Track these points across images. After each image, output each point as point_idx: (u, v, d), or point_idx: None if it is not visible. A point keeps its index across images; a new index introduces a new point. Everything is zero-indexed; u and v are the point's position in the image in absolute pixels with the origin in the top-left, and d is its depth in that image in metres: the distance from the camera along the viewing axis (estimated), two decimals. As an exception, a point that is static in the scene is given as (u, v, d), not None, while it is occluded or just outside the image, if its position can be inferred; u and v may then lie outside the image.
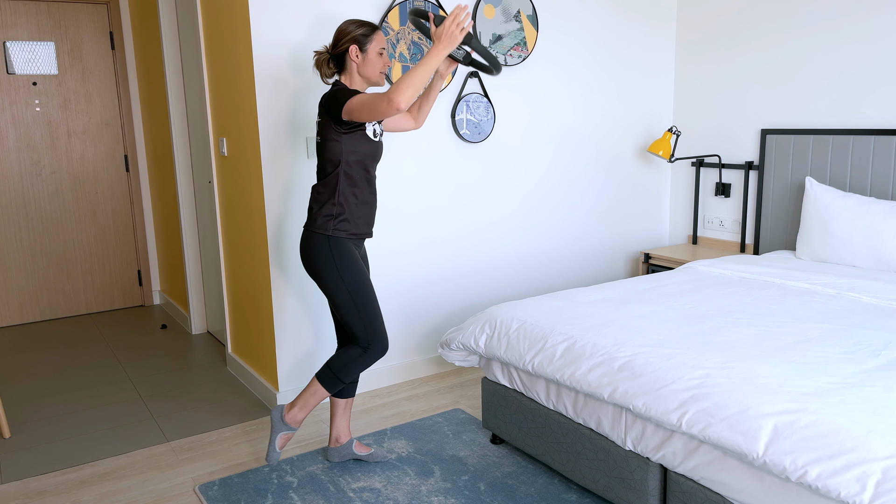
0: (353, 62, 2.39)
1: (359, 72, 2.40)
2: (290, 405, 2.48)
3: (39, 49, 4.48)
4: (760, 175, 3.75)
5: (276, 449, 2.47)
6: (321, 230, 2.37)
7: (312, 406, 2.46)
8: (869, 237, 3.05)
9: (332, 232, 2.37)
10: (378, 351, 2.42)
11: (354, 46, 2.37)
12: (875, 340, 2.14)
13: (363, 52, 2.37)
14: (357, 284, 2.38)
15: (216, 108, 3.36)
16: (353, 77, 2.42)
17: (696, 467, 1.91)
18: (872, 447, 1.53)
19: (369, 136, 2.37)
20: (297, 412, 2.46)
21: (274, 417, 2.49)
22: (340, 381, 2.43)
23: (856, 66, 3.36)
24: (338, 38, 2.38)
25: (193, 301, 4.29)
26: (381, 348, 2.42)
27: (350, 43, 2.36)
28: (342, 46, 2.37)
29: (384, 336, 2.43)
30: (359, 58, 2.38)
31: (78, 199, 4.72)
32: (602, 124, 3.97)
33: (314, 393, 2.45)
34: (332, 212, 2.38)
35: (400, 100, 2.13)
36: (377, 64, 2.40)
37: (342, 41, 2.37)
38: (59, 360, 3.90)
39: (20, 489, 2.52)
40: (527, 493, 2.39)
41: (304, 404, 2.46)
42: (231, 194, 3.33)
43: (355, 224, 2.41)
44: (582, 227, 4.00)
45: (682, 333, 2.25)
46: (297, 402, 2.47)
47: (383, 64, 2.41)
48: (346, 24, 2.38)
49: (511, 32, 3.48)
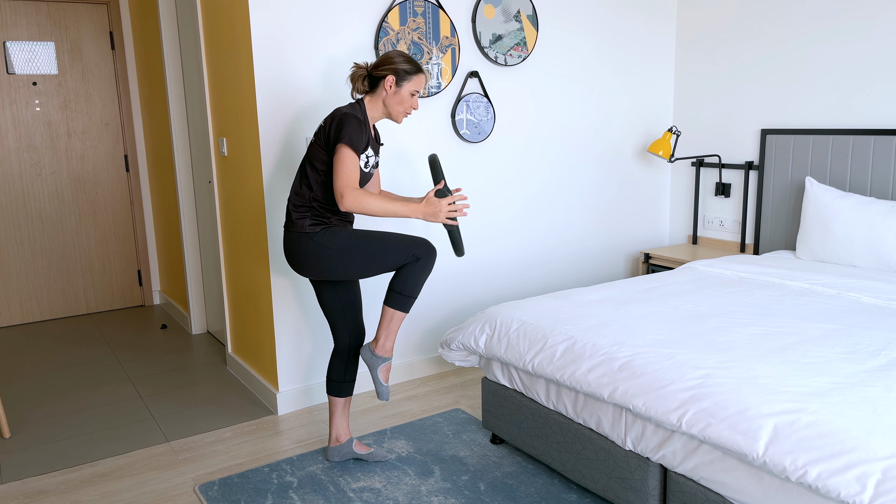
0: (385, 91, 2.39)
1: (385, 101, 2.41)
2: (374, 341, 2.46)
3: (39, 49, 4.48)
4: (760, 175, 3.75)
5: (383, 383, 2.45)
6: (299, 230, 2.39)
7: (396, 331, 2.45)
8: (869, 237, 3.05)
9: (308, 230, 2.38)
10: (428, 254, 2.37)
11: (393, 77, 2.37)
12: (875, 340, 2.14)
13: (398, 87, 2.38)
14: (354, 240, 2.36)
15: (216, 108, 3.36)
16: (377, 103, 2.42)
17: (696, 467, 1.91)
18: (872, 447, 1.53)
19: (360, 166, 2.38)
20: (384, 342, 2.44)
21: (366, 357, 2.47)
22: (410, 297, 2.39)
23: (856, 66, 3.36)
24: (381, 62, 2.39)
25: (193, 301, 4.29)
26: (429, 251, 2.37)
27: (390, 73, 2.37)
28: (381, 72, 2.38)
29: (421, 240, 2.37)
30: (391, 89, 2.38)
31: (78, 199, 4.72)
32: (602, 124, 3.97)
33: (392, 319, 2.42)
34: (308, 214, 2.40)
35: (347, 206, 2.25)
36: (405, 103, 2.41)
37: (383, 67, 2.38)
38: (59, 360, 3.90)
39: (20, 489, 2.52)
40: (527, 493, 2.39)
41: (387, 333, 2.43)
42: (231, 194, 3.33)
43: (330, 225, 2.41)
44: (582, 227, 4.00)
45: (683, 333, 2.25)
46: (380, 335, 2.44)
47: (410, 105, 2.42)
48: (395, 53, 2.39)
49: (511, 32, 3.48)
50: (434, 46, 3.25)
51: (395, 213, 2.29)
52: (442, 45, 3.28)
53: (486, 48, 3.42)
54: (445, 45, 3.29)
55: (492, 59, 3.45)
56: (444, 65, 3.29)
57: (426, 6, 3.21)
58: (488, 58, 3.44)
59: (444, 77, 3.30)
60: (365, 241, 2.36)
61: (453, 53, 3.32)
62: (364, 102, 2.42)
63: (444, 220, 2.32)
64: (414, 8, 3.17)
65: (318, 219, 2.40)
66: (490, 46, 3.43)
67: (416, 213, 2.32)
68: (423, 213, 2.32)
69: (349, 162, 2.28)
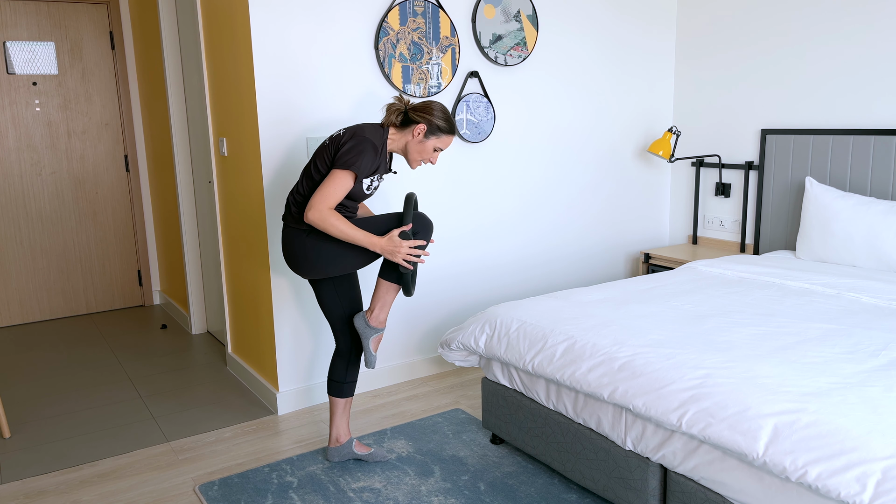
0: (412, 135, 2.42)
1: (408, 144, 2.44)
2: (368, 311, 2.49)
3: (39, 49, 4.48)
4: (760, 175, 3.75)
5: (373, 352, 2.49)
6: (297, 225, 2.41)
7: (391, 303, 2.49)
8: (869, 237, 3.05)
9: (305, 227, 2.41)
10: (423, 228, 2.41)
11: (425, 127, 2.40)
12: (875, 340, 2.14)
13: (425, 137, 2.42)
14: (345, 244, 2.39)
15: (216, 108, 3.36)
16: (400, 141, 2.45)
17: (696, 467, 1.91)
18: (872, 447, 1.53)
19: (361, 188, 2.39)
20: (378, 312, 2.48)
21: (359, 326, 2.49)
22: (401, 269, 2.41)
23: (856, 67, 3.36)
24: (421, 108, 2.41)
25: (193, 301, 4.29)
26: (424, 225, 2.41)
27: (424, 122, 2.40)
28: (417, 116, 2.40)
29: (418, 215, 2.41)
30: (418, 136, 2.41)
31: (78, 199, 4.72)
32: (602, 124, 3.97)
33: (387, 291, 2.46)
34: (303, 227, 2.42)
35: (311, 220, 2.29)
36: (424, 154, 2.44)
37: (421, 113, 2.40)
38: (59, 360, 3.90)
39: (20, 489, 2.52)
40: (527, 493, 2.39)
41: (382, 304, 2.47)
42: (231, 194, 3.33)
43: None
44: (582, 227, 4.00)
45: (683, 333, 2.25)
46: (374, 306, 2.48)
47: (428, 159, 2.46)
48: (438, 106, 2.42)
49: (511, 32, 3.48)
50: (434, 46, 3.25)
51: (355, 240, 2.31)
52: (442, 45, 3.28)
53: (486, 48, 3.42)
54: (445, 45, 3.29)
55: (492, 59, 3.45)
56: (444, 65, 3.29)
57: (426, 6, 3.21)
58: (488, 58, 3.44)
59: (444, 77, 3.30)
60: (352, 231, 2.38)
61: (453, 53, 3.32)
62: (389, 130, 2.45)
63: (401, 261, 2.34)
64: (414, 8, 3.17)
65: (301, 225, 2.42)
66: (490, 46, 3.43)
67: (375, 246, 2.33)
68: (381, 248, 2.33)
69: (340, 187, 2.30)
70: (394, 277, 2.45)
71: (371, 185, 2.43)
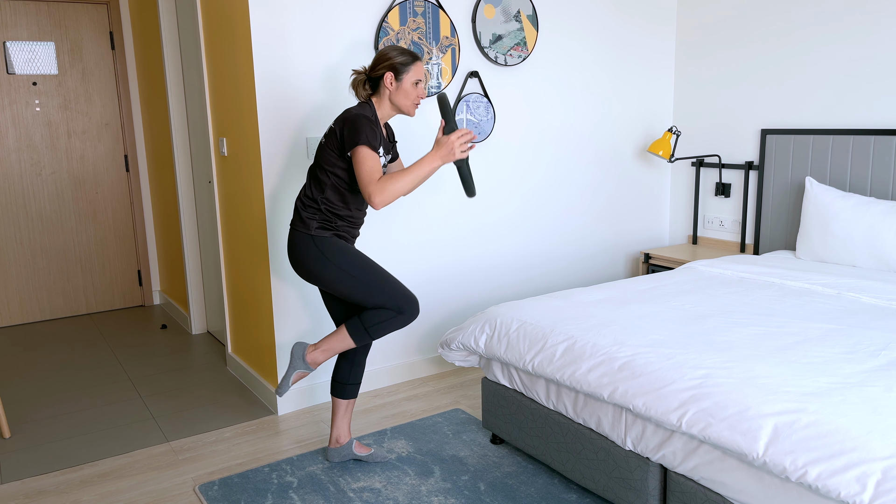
0: (387, 89, 2.37)
1: (391, 99, 2.38)
2: (313, 346, 2.45)
3: (39, 49, 4.48)
4: (760, 175, 3.75)
5: (290, 383, 2.46)
6: (304, 230, 2.37)
7: (335, 353, 2.44)
8: (869, 237, 3.05)
9: (314, 232, 2.37)
10: (411, 312, 2.38)
11: (390, 74, 2.34)
12: (875, 340, 2.14)
13: (398, 81, 2.35)
14: (356, 263, 2.36)
15: (216, 108, 3.36)
16: (384, 102, 2.40)
17: (696, 467, 1.91)
18: (872, 447, 1.53)
19: None
20: (318, 354, 2.43)
21: (295, 353, 2.45)
22: (370, 336, 2.39)
23: (856, 67, 3.36)
24: (376, 62, 2.36)
25: (193, 301, 4.29)
26: (413, 309, 2.38)
27: (387, 69, 2.34)
28: (379, 71, 2.35)
29: (412, 296, 2.39)
30: (392, 85, 2.35)
31: (78, 199, 4.72)
32: (602, 124, 3.97)
33: (341, 341, 2.41)
34: (317, 216, 2.38)
35: (379, 203, 2.21)
36: (411, 94, 2.38)
37: (379, 66, 2.35)
38: (59, 360, 3.90)
39: (20, 489, 2.52)
40: (527, 493, 2.39)
41: (327, 348, 2.43)
42: (231, 194, 3.33)
43: (337, 231, 2.41)
44: (582, 227, 4.00)
45: (683, 333, 2.25)
46: (321, 345, 2.43)
47: (417, 95, 2.39)
48: (387, 49, 2.36)
49: (511, 32, 3.48)
50: (434, 46, 3.25)
51: (422, 176, 2.25)
52: (442, 45, 3.28)
53: (486, 48, 3.42)
54: (445, 45, 3.29)
55: (492, 59, 3.45)
56: (444, 65, 3.30)
57: (426, 6, 3.21)
58: (488, 58, 3.44)
59: (444, 77, 3.30)
60: (367, 270, 2.36)
61: (453, 53, 3.32)
62: (371, 102, 2.40)
63: (459, 153, 2.27)
64: (414, 8, 3.17)
65: (326, 223, 2.38)
66: (490, 46, 3.43)
67: (434, 161, 2.26)
68: (441, 157, 2.27)
69: (370, 161, 2.24)
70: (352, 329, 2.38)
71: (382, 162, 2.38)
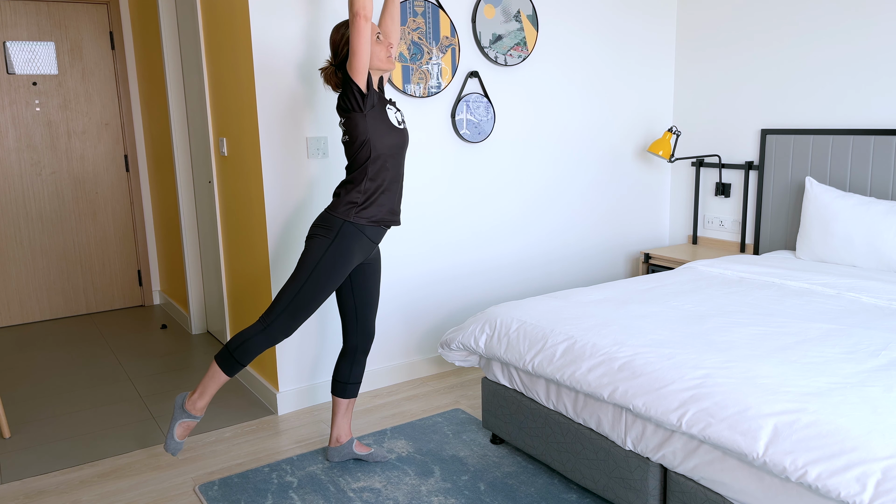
0: None
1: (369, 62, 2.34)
2: (192, 392, 2.39)
3: (39, 49, 4.48)
4: (760, 175, 3.75)
5: (175, 438, 2.37)
6: (342, 216, 2.34)
7: (212, 392, 2.36)
8: (869, 237, 3.05)
9: (353, 219, 2.33)
10: (276, 334, 2.32)
11: None
12: (875, 340, 2.14)
13: None
14: (322, 277, 2.32)
15: (216, 108, 3.36)
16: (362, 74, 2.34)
17: (696, 467, 1.91)
18: (872, 447, 1.53)
19: (393, 123, 2.35)
20: (196, 399, 2.37)
21: (176, 404, 2.40)
22: (238, 362, 2.33)
23: (856, 66, 3.36)
24: (335, 47, 2.36)
25: (193, 301, 4.29)
26: (281, 334, 2.33)
27: (347, 45, 2.33)
28: (343, 52, 2.35)
29: (292, 328, 2.34)
30: None
31: (78, 199, 4.72)
32: (602, 124, 3.97)
33: (213, 377, 2.35)
34: (357, 199, 2.34)
35: (359, 7, 2.18)
36: (379, 51, 2.35)
37: (340, 47, 2.35)
38: (59, 360, 3.90)
39: (20, 489, 2.52)
40: (527, 493, 2.39)
41: (202, 390, 2.36)
42: (231, 194, 3.33)
43: (379, 210, 2.37)
44: (582, 227, 4.00)
45: (682, 333, 2.25)
46: (197, 389, 2.38)
47: (384, 48, 2.36)
48: (334, 31, 2.36)
49: (511, 32, 3.48)
50: (434, 46, 3.25)
51: None
52: (442, 45, 3.28)
53: (486, 48, 3.42)
54: (445, 45, 3.29)
55: (492, 59, 3.45)
56: (444, 65, 3.29)
57: (426, 6, 3.20)
58: (488, 58, 3.44)
59: (444, 77, 3.30)
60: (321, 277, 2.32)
61: (453, 53, 3.31)
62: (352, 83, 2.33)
63: None
64: (414, 8, 3.17)
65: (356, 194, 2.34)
66: (490, 46, 3.43)
67: None
68: None
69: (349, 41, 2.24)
70: (220, 358, 2.34)
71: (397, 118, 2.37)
